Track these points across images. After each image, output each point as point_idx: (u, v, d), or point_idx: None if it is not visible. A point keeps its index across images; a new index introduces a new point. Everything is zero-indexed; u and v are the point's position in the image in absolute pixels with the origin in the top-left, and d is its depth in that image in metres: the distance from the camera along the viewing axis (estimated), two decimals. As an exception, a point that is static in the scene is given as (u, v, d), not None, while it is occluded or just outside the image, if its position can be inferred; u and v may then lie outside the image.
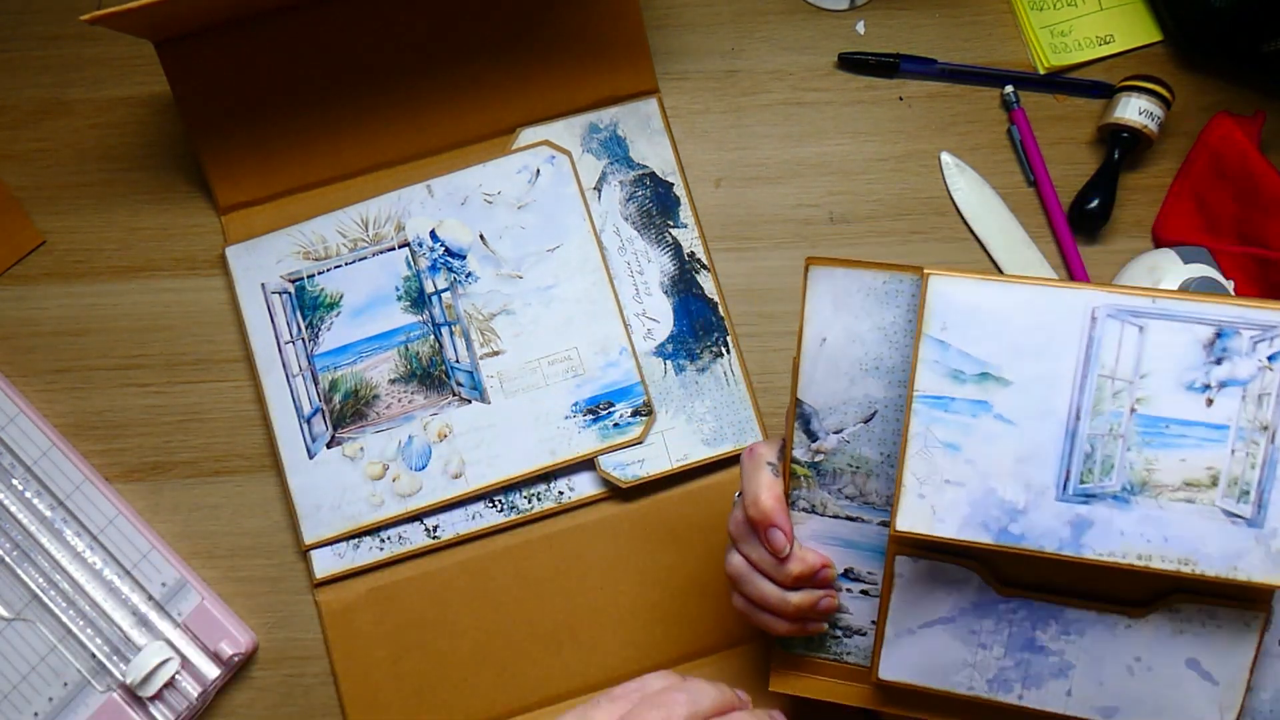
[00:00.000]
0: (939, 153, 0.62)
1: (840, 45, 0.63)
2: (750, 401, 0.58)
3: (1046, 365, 0.39)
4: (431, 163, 0.61)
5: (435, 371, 0.58)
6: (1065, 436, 0.39)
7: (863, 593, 0.45)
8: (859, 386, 0.43)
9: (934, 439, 0.40)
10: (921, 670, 0.44)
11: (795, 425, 0.44)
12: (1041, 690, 0.42)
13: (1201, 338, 0.38)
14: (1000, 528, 0.40)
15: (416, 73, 0.59)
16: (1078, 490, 0.39)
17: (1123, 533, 0.39)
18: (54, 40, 0.63)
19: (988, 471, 0.40)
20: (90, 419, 0.59)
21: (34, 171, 0.62)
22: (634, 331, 0.58)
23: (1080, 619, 0.41)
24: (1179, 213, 0.61)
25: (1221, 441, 0.38)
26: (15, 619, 0.55)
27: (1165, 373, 0.38)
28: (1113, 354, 0.39)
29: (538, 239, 0.59)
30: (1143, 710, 0.41)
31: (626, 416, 0.57)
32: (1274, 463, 0.38)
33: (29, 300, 0.61)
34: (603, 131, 0.61)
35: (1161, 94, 0.59)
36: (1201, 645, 0.40)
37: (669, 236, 0.60)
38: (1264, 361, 0.37)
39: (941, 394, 0.40)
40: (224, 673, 0.55)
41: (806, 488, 0.45)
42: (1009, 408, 0.39)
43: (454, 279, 0.59)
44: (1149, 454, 0.38)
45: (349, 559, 0.57)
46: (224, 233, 0.61)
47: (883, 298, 0.42)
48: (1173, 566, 0.38)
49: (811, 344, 0.43)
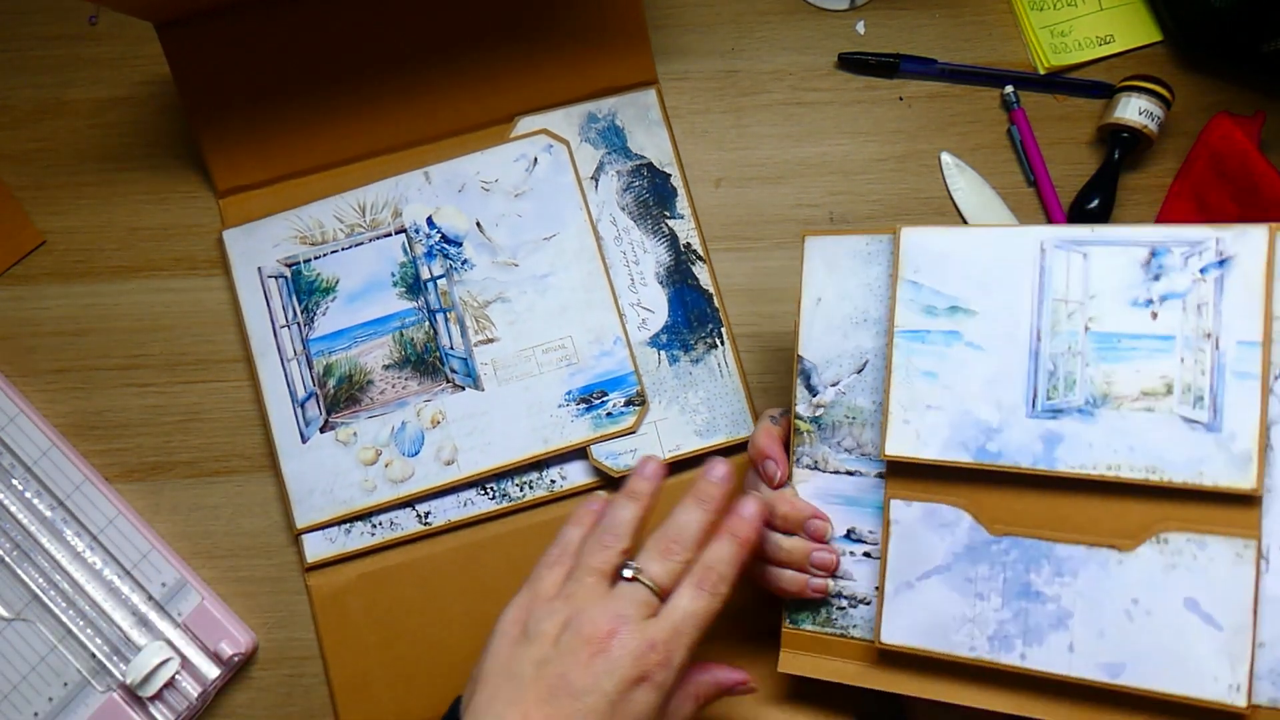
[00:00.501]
0: (939, 153, 0.62)
1: (840, 45, 0.63)
2: (744, 393, 0.58)
3: (1007, 295, 0.43)
4: (429, 149, 0.61)
5: (429, 358, 0.58)
6: (1030, 356, 0.43)
7: (865, 554, 0.47)
8: (851, 339, 0.47)
9: (914, 369, 0.45)
10: (923, 631, 0.44)
11: (797, 382, 0.48)
12: (1044, 647, 0.42)
13: (1138, 258, 0.42)
14: (978, 446, 0.43)
15: (416, 59, 0.60)
16: (1045, 406, 0.43)
17: (1091, 445, 0.41)
18: (54, 40, 0.63)
19: (964, 394, 0.44)
20: (90, 419, 0.59)
21: (34, 171, 0.62)
22: (628, 321, 0.59)
23: (1071, 556, 0.42)
24: (1179, 213, 0.61)
25: (1169, 351, 0.41)
26: (15, 619, 0.55)
27: (1111, 292, 0.42)
28: (1063, 280, 0.43)
29: (534, 227, 0.59)
30: (1149, 666, 0.40)
31: (620, 406, 0.57)
32: (1221, 368, 0.40)
33: (29, 300, 0.61)
34: (601, 121, 0.61)
35: (1161, 94, 0.59)
36: (1196, 581, 0.40)
37: (665, 227, 0.60)
38: (1196, 274, 0.41)
39: (918, 328, 0.45)
40: (224, 673, 0.55)
41: (809, 442, 0.48)
42: (978, 335, 0.44)
43: (450, 266, 0.59)
44: (1106, 368, 0.42)
45: (340, 544, 0.57)
46: (221, 216, 0.61)
47: (866, 258, 0.47)
48: (1141, 475, 0.41)
49: (809, 304, 0.48)
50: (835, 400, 0.48)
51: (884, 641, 0.45)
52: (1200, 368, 0.40)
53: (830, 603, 0.48)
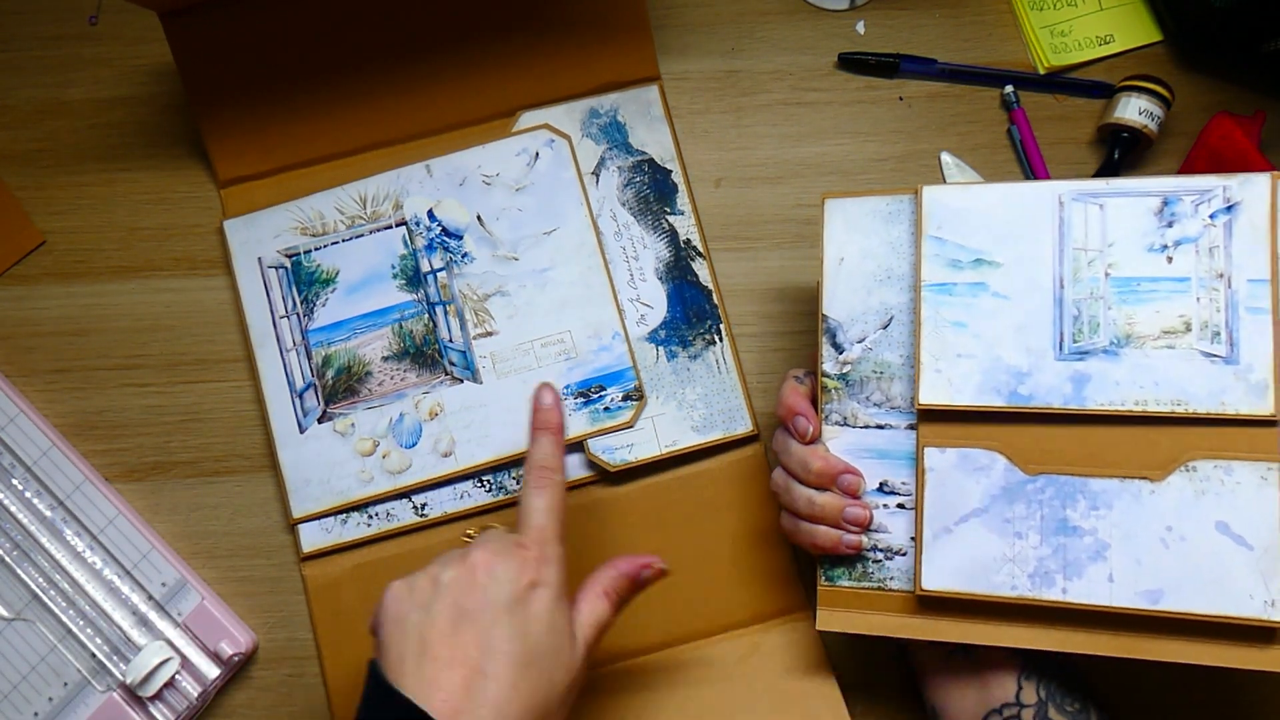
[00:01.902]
0: (939, 153, 0.62)
1: (840, 45, 0.63)
2: (741, 390, 0.58)
3: (1029, 247, 0.46)
4: (431, 143, 0.61)
5: (428, 350, 0.58)
6: (1054, 304, 0.45)
7: (899, 506, 0.48)
8: (875, 296, 0.48)
9: (943, 320, 0.46)
10: (964, 574, 0.45)
11: (823, 340, 0.49)
12: (1084, 580, 0.44)
13: (1152, 207, 0.44)
14: (1011, 390, 0.45)
15: (419, 52, 0.60)
16: (1072, 349, 0.45)
17: (1118, 383, 0.44)
18: (54, 40, 0.63)
19: (993, 341, 0.46)
20: (90, 419, 0.59)
21: (34, 171, 0.62)
22: (627, 316, 0.59)
23: (1105, 490, 0.44)
24: (1179, 213, 0.61)
25: (1186, 292, 0.44)
26: (15, 619, 0.55)
27: (1128, 239, 0.45)
28: (1081, 230, 0.45)
29: (535, 222, 0.59)
30: (1186, 590, 0.42)
31: (617, 401, 0.57)
32: (1235, 304, 0.43)
33: (29, 300, 0.61)
34: (603, 117, 0.61)
35: (1161, 94, 0.59)
36: (1225, 505, 0.42)
37: (665, 223, 0.60)
38: (1207, 220, 0.44)
39: (944, 281, 0.47)
40: (224, 673, 0.55)
41: (837, 399, 0.49)
42: (1003, 285, 0.46)
43: (450, 259, 0.59)
44: (1127, 310, 0.44)
45: (336, 534, 0.57)
46: (222, 206, 0.61)
47: (887, 218, 0.48)
48: (1167, 408, 0.43)
49: (831, 264, 0.49)
50: (862, 356, 0.49)
51: (925, 588, 0.46)
52: (1215, 306, 0.43)
53: (866, 557, 0.48)
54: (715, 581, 0.56)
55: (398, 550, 0.57)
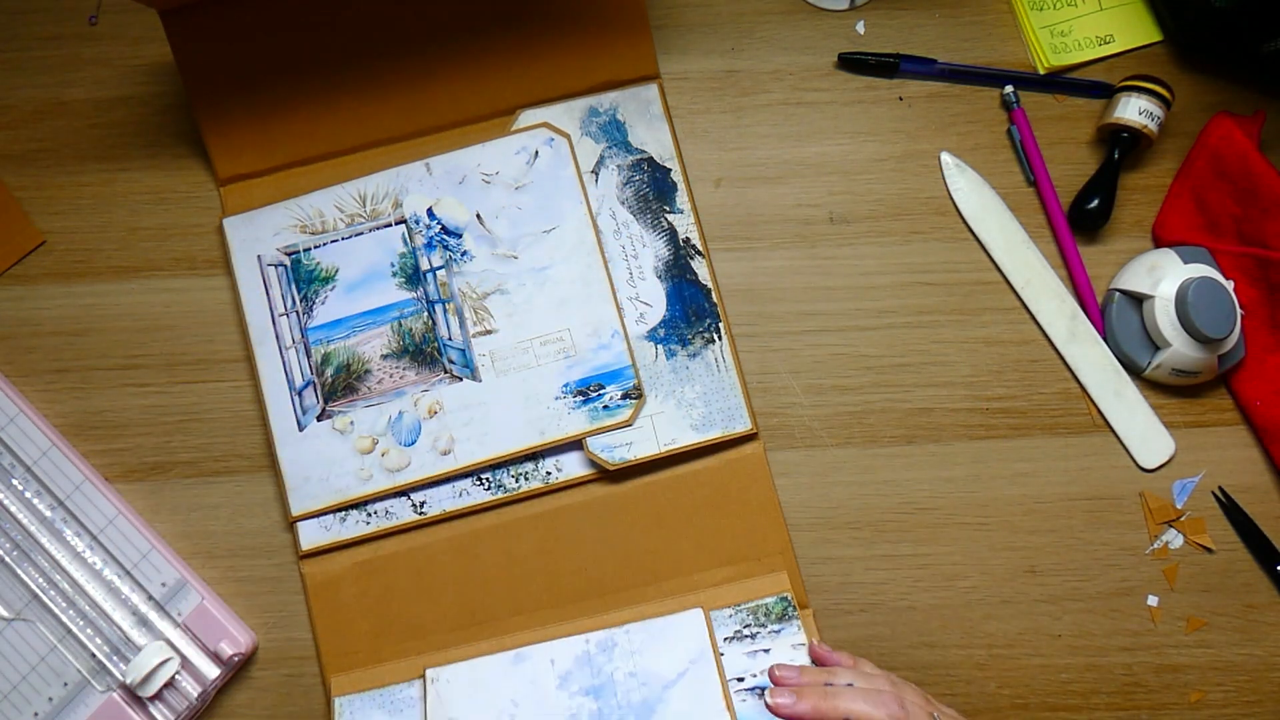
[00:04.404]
0: (939, 153, 0.62)
1: (840, 45, 0.63)
2: (740, 388, 0.58)
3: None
4: (431, 141, 0.61)
5: (427, 348, 0.58)
6: None
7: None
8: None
9: None
10: None
11: None
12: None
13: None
14: None
15: (419, 51, 0.60)
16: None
17: None
18: (54, 40, 0.63)
19: None
20: (90, 419, 0.59)
21: (34, 171, 0.62)
22: (626, 315, 0.59)
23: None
24: (1179, 213, 0.61)
25: None
26: (15, 619, 0.55)
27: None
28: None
29: (534, 220, 0.59)
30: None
31: (616, 399, 0.57)
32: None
33: (29, 300, 0.61)
34: (602, 115, 0.61)
35: (1161, 94, 0.59)
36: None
37: (665, 222, 0.60)
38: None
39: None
40: (224, 673, 0.55)
41: None
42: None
43: (449, 257, 0.59)
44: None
45: (335, 532, 0.57)
46: (222, 204, 0.61)
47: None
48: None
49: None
50: None
51: None
52: None
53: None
54: (714, 580, 0.56)
55: (396, 548, 0.57)
